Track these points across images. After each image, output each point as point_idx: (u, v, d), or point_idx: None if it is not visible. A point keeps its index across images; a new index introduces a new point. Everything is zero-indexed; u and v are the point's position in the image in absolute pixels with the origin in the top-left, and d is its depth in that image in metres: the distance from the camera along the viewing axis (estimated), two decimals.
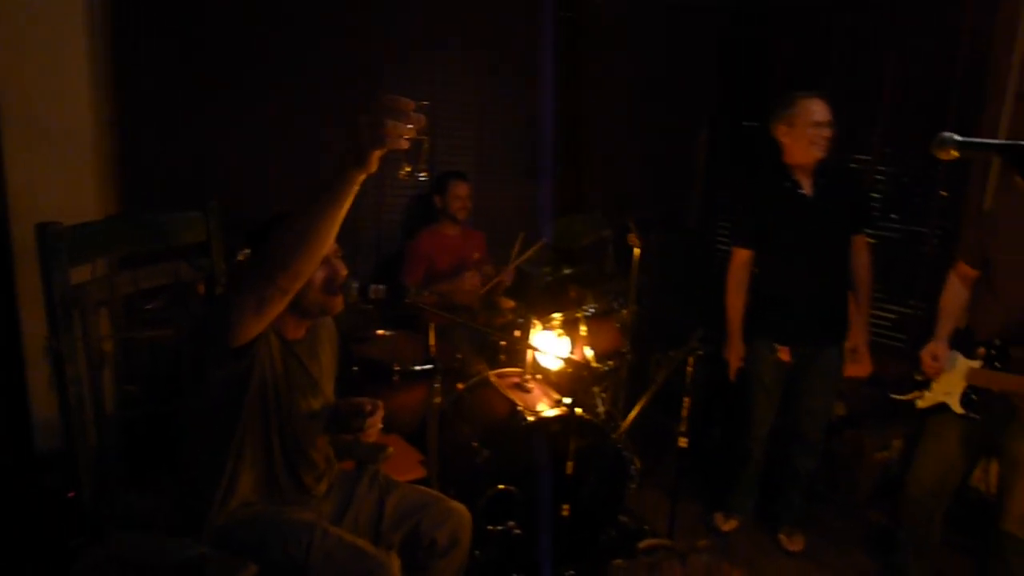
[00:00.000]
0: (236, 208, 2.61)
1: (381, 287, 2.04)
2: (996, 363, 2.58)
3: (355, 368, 3.44)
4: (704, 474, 3.88)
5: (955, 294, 2.81)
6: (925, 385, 2.78)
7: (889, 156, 4.18)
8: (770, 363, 3.23)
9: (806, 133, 3.01)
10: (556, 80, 4.26)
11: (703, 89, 5.01)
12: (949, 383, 2.70)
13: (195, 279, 2.48)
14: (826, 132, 3.03)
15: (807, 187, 3.11)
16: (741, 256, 3.24)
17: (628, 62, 4.75)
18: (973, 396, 2.63)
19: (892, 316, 4.16)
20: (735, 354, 3.30)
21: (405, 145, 1.49)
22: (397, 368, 3.33)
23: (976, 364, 2.62)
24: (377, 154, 1.51)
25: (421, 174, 1.60)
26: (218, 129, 3.57)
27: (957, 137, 1.63)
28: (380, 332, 3.67)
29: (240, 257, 2.08)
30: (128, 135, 3.29)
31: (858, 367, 3.28)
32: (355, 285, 2.04)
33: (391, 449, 2.47)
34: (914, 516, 2.92)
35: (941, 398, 2.73)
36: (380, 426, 2.11)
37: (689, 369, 2.93)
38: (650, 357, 4.19)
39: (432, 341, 2.85)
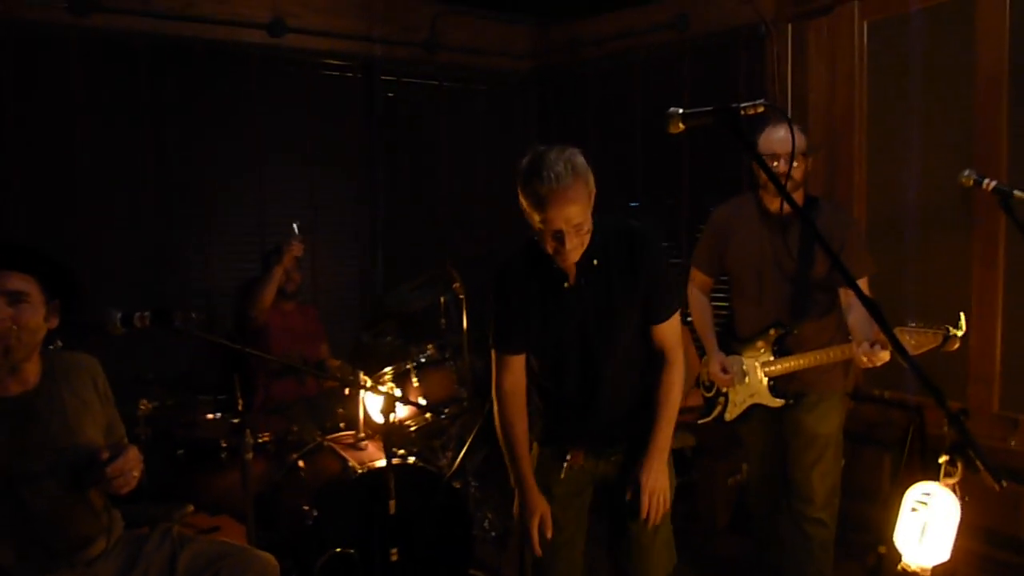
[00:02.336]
0: None
1: (146, 314, 1.94)
2: (776, 350, 2.75)
3: (180, 451, 3.24)
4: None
5: (702, 307, 2.95)
6: (720, 399, 2.90)
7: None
8: None
9: None
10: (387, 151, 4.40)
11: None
12: (747, 387, 2.81)
13: None
14: None
15: None
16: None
17: (454, 127, 4.97)
18: (772, 383, 2.77)
19: None
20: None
21: None
22: (224, 445, 3.16)
23: (767, 358, 2.76)
24: None
25: None
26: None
27: (680, 111, 1.77)
28: (209, 416, 3.48)
29: None
30: None
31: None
32: (117, 315, 1.93)
33: (190, 507, 2.29)
34: (760, 509, 3.03)
35: (748, 402, 2.83)
36: (135, 471, 1.88)
37: None
38: (487, 402, 4.14)
39: (238, 391, 2.71)
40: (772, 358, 2.74)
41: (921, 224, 3.57)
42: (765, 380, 2.77)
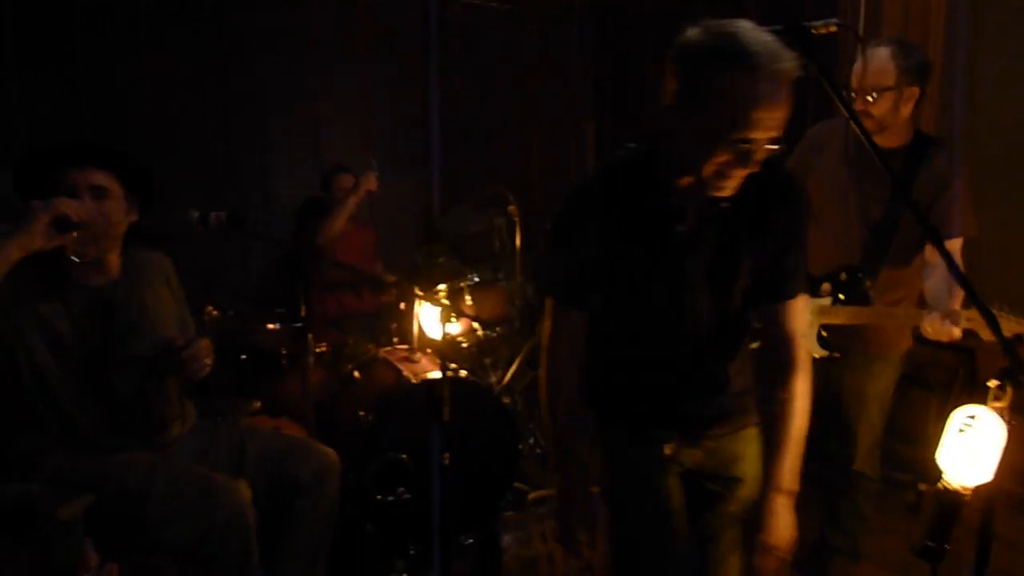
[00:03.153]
0: None
1: (222, 213, 2.04)
2: (840, 296, 2.47)
3: (243, 357, 3.40)
4: None
5: None
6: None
7: None
8: None
9: None
10: (442, 73, 4.41)
11: (583, 79, 5.22)
12: None
13: None
14: None
15: None
16: None
17: (511, 56, 4.92)
18: (824, 334, 2.48)
19: None
20: None
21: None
22: (284, 352, 3.31)
23: (825, 302, 2.49)
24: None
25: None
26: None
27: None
28: (270, 326, 3.63)
29: None
30: None
31: None
32: (195, 214, 2.03)
33: (257, 403, 2.43)
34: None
35: None
36: (208, 360, 2.04)
37: None
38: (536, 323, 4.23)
39: (302, 300, 2.83)
40: (830, 304, 2.49)
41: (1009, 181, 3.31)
42: (816, 326, 2.48)
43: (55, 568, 1.72)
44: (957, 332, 2.20)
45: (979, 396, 3.71)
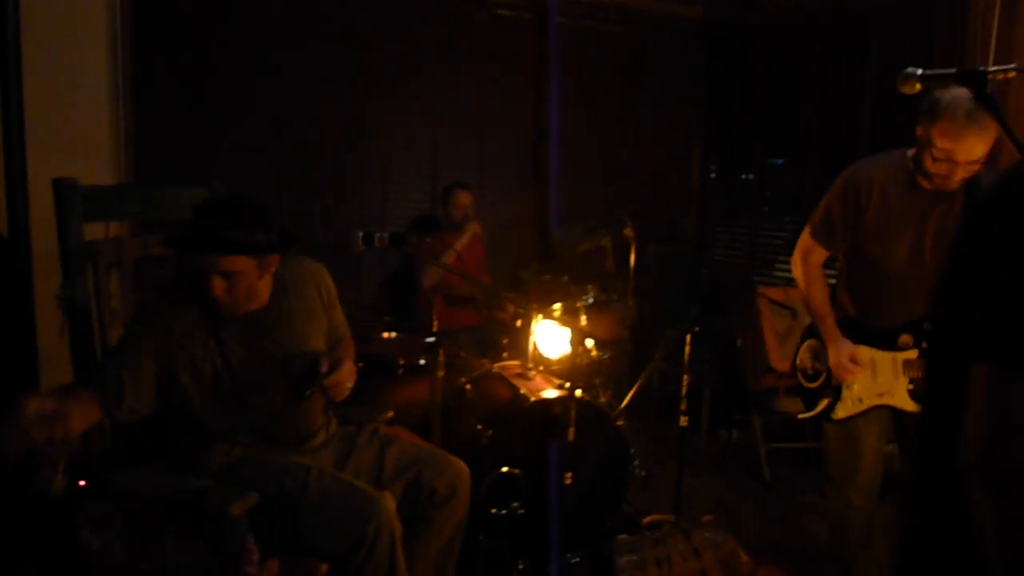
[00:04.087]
0: (236, 186, 2.75)
1: (385, 235, 2.13)
2: (924, 346, 2.41)
3: (360, 364, 3.51)
4: (711, 474, 3.90)
5: (821, 286, 2.55)
6: (828, 392, 2.52)
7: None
8: None
9: None
10: (557, 93, 4.46)
11: (693, 102, 5.22)
12: (876, 385, 2.47)
13: None
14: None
15: None
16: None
17: (622, 75, 4.96)
18: (912, 387, 2.44)
19: None
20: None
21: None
22: (402, 362, 3.40)
23: (910, 355, 2.44)
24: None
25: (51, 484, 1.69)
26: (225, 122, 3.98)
27: (919, 71, 1.74)
28: (385, 335, 3.75)
29: None
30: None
31: None
32: (360, 235, 2.12)
33: (391, 413, 2.52)
34: (857, 525, 2.59)
35: (875, 402, 2.48)
36: (348, 382, 2.11)
37: (687, 348, 2.98)
38: (649, 350, 4.24)
39: (433, 315, 2.91)
40: (916, 356, 2.41)
41: None
42: (906, 380, 2.43)
43: (222, 562, 1.82)
44: None
45: None
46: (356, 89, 4.30)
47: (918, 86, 1.76)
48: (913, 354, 2.43)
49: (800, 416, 2.66)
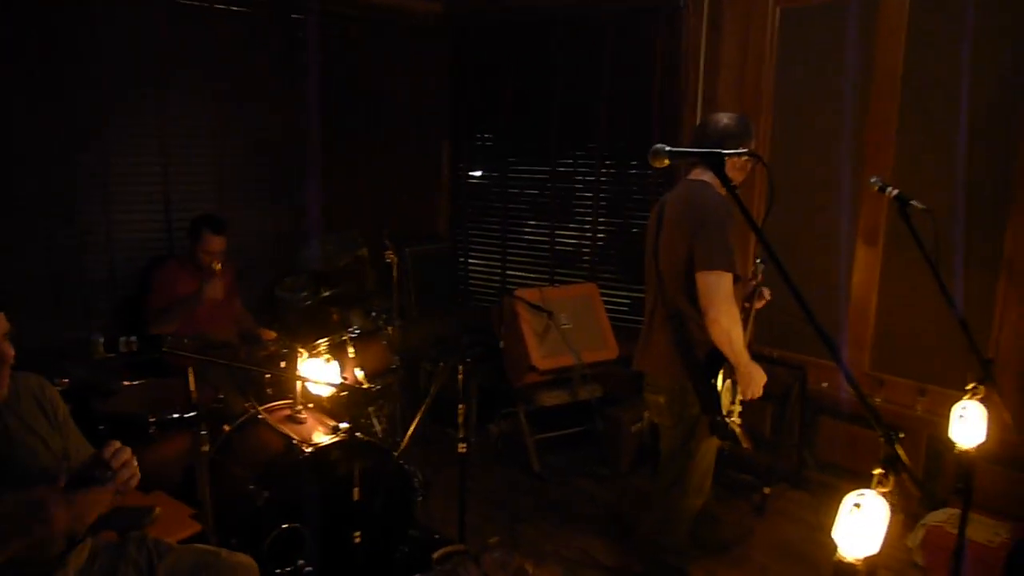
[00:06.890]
0: None
1: (133, 339, 1.88)
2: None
3: (101, 427, 3.11)
4: (486, 472, 4.05)
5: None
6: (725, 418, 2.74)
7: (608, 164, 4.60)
8: None
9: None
10: (303, 102, 4.20)
11: (438, 105, 5.19)
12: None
13: None
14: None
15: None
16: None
17: (369, 81, 4.79)
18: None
19: (627, 301, 4.64)
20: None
21: None
22: (153, 419, 3.07)
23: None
24: None
25: None
26: None
27: (668, 148, 1.87)
28: (126, 383, 3.35)
29: None
30: None
31: None
32: (100, 340, 1.85)
33: (158, 509, 2.27)
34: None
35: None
36: (137, 473, 1.90)
37: (460, 377, 3.02)
38: (420, 368, 4.25)
39: (192, 386, 2.66)
40: None
41: (816, 208, 3.94)
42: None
43: None
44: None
45: (810, 405, 4.16)
46: (74, 100, 3.69)
47: (666, 161, 1.90)
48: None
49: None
